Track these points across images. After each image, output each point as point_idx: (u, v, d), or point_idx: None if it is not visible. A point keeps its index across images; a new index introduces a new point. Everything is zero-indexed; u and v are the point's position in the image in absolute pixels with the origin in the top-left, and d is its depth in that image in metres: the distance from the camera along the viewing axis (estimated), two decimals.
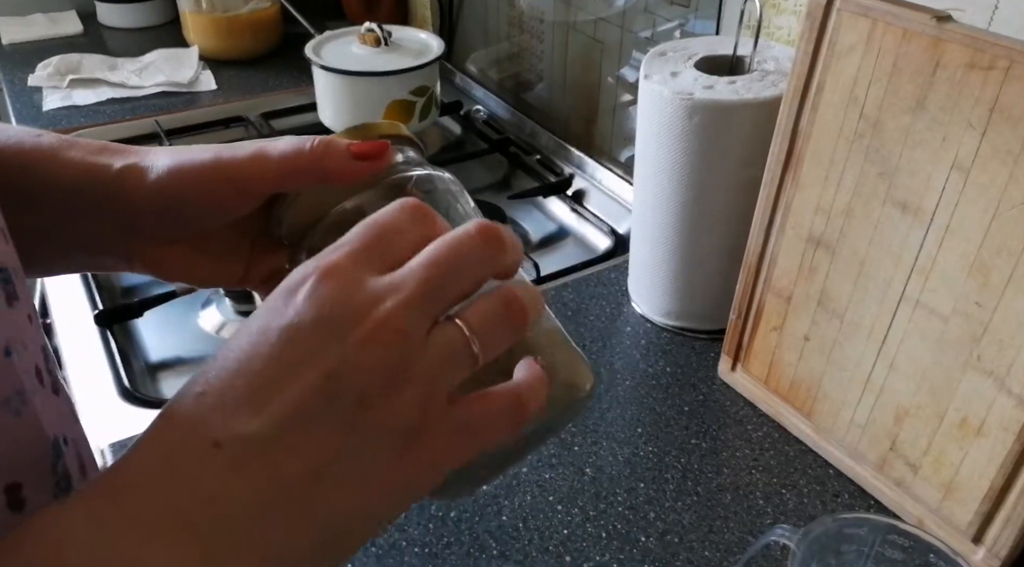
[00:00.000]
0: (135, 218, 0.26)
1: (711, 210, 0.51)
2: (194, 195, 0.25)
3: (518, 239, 0.21)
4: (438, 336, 0.18)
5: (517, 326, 0.19)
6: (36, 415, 0.20)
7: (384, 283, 0.18)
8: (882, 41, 0.37)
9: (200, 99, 0.91)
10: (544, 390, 0.20)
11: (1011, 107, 0.33)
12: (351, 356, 0.17)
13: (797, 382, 0.47)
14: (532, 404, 0.20)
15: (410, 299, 0.18)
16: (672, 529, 0.42)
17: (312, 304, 0.18)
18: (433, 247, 0.19)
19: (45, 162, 0.25)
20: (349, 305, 0.18)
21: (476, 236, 0.19)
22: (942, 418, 0.40)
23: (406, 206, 0.20)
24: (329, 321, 0.18)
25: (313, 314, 0.18)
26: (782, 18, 0.56)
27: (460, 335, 0.19)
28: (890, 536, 0.34)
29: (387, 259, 0.19)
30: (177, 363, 0.58)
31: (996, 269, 0.36)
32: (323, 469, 0.17)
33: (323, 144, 0.24)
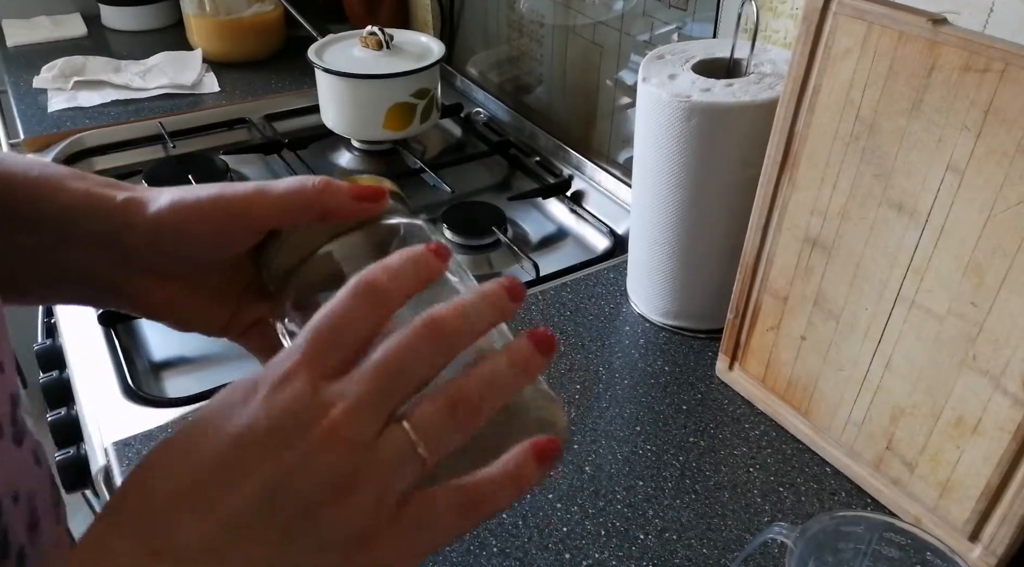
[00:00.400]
0: (131, 248, 0.26)
1: (708, 211, 0.51)
2: (193, 226, 0.25)
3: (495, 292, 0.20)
4: (386, 441, 0.19)
5: (465, 429, 0.19)
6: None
7: (335, 390, 0.19)
8: (878, 44, 0.38)
9: (203, 101, 0.92)
10: (504, 491, 0.20)
11: (1006, 109, 0.34)
12: (298, 465, 0.18)
13: (794, 381, 0.48)
14: (484, 506, 0.19)
15: (358, 405, 0.18)
16: (670, 527, 0.42)
17: (264, 412, 0.18)
18: (382, 349, 0.19)
19: (49, 187, 0.25)
20: (300, 414, 0.18)
21: (424, 330, 0.19)
22: (938, 417, 0.40)
23: (359, 290, 0.20)
24: (280, 430, 0.18)
25: (265, 423, 0.18)
26: (779, 21, 0.56)
27: (407, 439, 0.19)
28: (887, 534, 0.34)
29: (340, 358, 0.19)
30: (180, 362, 0.58)
31: (991, 269, 0.36)
32: None
33: (324, 182, 0.25)
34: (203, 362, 0.58)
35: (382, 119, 0.79)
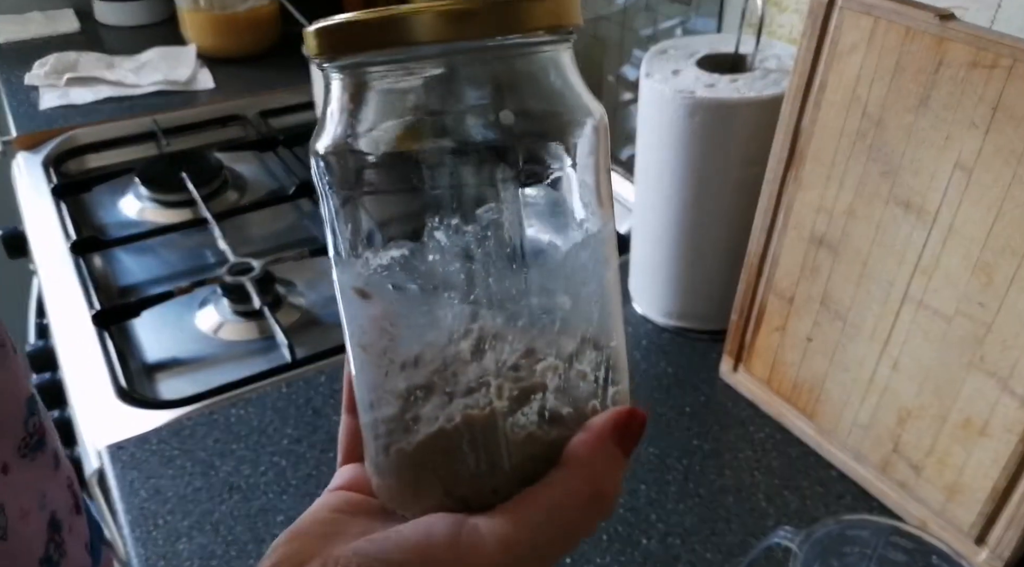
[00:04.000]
0: None
1: (712, 209, 0.51)
2: None
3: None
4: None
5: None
6: None
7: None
8: (884, 39, 0.37)
9: (198, 97, 0.91)
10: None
11: (1014, 106, 0.33)
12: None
13: (799, 383, 0.47)
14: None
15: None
16: (674, 531, 0.42)
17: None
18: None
19: None
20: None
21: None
22: (945, 419, 0.39)
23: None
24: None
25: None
26: (784, 16, 0.56)
27: None
28: (893, 538, 0.34)
29: None
30: (174, 363, 0.57)
31: (999, 269, 0.35)
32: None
33: None
34: (197, 364, 0.57)
35: None
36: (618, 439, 0.17)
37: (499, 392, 0.17)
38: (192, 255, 0.69)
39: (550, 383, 0.17)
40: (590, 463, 0.17)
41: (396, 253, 0.17)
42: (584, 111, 0.17)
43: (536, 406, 0.17)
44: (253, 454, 0.47)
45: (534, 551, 0.16)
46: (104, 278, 0.66)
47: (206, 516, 0.43)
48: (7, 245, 0.77)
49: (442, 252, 0.17)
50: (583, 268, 0.18)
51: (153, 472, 0.45)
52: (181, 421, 0.49)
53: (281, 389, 0.52)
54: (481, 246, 0.17)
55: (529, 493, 0.17)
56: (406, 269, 0.17)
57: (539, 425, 0.17)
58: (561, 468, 0.17)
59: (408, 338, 0.17)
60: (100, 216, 0.75)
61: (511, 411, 0.17)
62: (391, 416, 0.18)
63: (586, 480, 0.17)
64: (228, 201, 0.77)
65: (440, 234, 0.17)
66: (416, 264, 0.17)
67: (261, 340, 0.59)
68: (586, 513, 0.17)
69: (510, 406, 0.17)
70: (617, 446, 0.17)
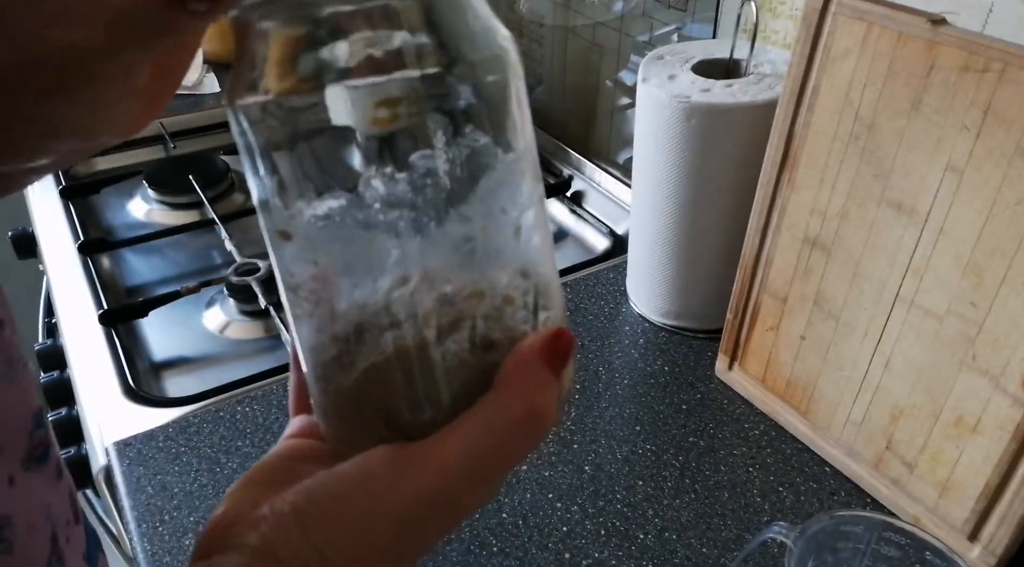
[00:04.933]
0: None
1: (708, 211, 0.51)
2: None
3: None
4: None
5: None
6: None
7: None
8: (877, 44, 0.38)
9: (204, 101, 0.92)
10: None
11: (1005, 109, 0.34)
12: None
13: (793, 381, 0.48)
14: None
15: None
16: (670, 526, 0.42)
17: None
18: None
19: None
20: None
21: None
22: (938, 417, 0.40)
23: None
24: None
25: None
26: (778, 22, 0.56)
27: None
28: (886, 534, 0.34)
29: None
30: (181, 362, 0.58)
31: (990, 270, 0.36)
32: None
33: None
34: (203, 362, 0.58)
35: None
36: (547, 359, 0.18)
37: (426, 321, 0.17)
38: (199, 256, 0.70)
39: (478, 311, 0.17)
40: (520, 383, 0.17)
41: (325, 198, 0.17)
42: (492, 38, 0.17)
43: (466, 334, 0.17)
44: (258, 451, 0.48)
45: (471, 472, 0.17)
46: (112, 278, 0.67)
47: (212, 512, 0.43)
48: (17, 246, 0.78)
49: (367, 194, 0.17)
50: (501, 196, 0.18)
51: (160, 469, 0.46)
52: (188, 418, 0.50)
53: (286, 386, 0.52)
54: (401, 183, 0.17)
55: (464, 417, 0.17)
56: (334, 211, 0.17)
57: (471, 351, 0.17)
58: (493, 390, 0.17)
59: (336, 279, 0.18)
60: (108, 217, 0.76)
61: (441, 339, 0.17)
62: (330, 358, 0.18)
63: (517, 399, 0.17)
64: (234, 203, 0.78)
65: (365, 175, 0.16)
66: (342, 207, 0.17)
67: (266, 339, 0.59)
68: (520, 431, 0.17)
69: (439, 334, 0.17)
70: (546, 366, 0.17)
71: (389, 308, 0.17)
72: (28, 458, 0.22)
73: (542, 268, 0.19)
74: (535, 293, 0.18)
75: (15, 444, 0.22)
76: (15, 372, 0.21)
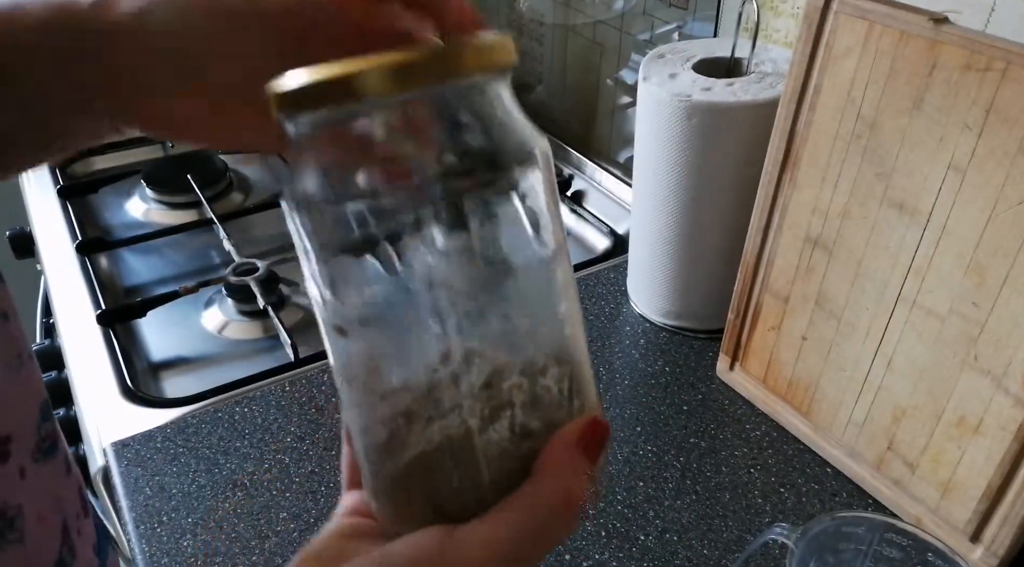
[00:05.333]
0: (113, 61, 0.20)
1: (709, 210, 0.51)
2: (183, 29, 0.19)
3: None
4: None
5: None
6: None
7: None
8: (879, 43, 0.38)
9: None
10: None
11: (1007, 108, 0.34)
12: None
13: (795, 381, 0.48)
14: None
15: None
16: (671, 528, 0.42)
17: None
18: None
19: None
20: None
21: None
22: (939, 417, 0.40)
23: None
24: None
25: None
26: (780, 20, 0.56)
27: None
28: (888, 535, 0.34)
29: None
30: (179, 362, 0.58)
31: (992, 269, 0.36)
32: None
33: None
34: (202, 363, 0.58)
35: None
36: (583, 447, 0.19)
37: (471, 411, 0.18)
38: (197, 256, 0.70)
39: (516, 400, 0.19)
40: (557, 471, 0.18)
41: (370, 290, 0.18)
42: (527, 142, 0.19)
43: (506, 423, 0.18)
44: (257, 452, 0.47)
45: (511, 555, 0.18)
46: (110, 278, 0.67)
47: (210, 513, 0.43)
48: (15, 245, 0.78)
49: (412, 284, 0.18)
50: (540, 289, 0.19)
51: (158, 469, 0.46)
52: (186, 419, 0.50)
53: (284, 387, 0.52)
54: (447, 276, 0.18)
55: (506, 503, 0.18)
56: (380, 304, 0.18)
57: (511, 440, 0.18)
58: (532, 478, 0.18)
59: (387, 369, 0.19)
60: (106, 217, 0.76)
61: (484, 429, 0.18)
62: (379, 443, 0.19)
63: (554, 487, 0.18)
64: (233, 203, 0.77)
65: (408, 268, 0.18)
66: (389, 298, 0.18)
67: (265, 339, 0.59)
68: (557, 517, 0.18)
69: (482, 424, 0.18)
70: (583, 454, 0.19)
71: (434, 396, 0.18)
72: (37, 450, 0.22)
73: (576, 355, 0.20)
74: (570, 380, 0.20)
75: (25, 436, 0.22)
76: (22, 364, 0.21)
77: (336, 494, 0.45)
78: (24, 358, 0.22)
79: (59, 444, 0.24)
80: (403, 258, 0.18)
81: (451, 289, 0.18)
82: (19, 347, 0.21)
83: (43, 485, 0.23)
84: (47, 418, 0.23)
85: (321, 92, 0.17)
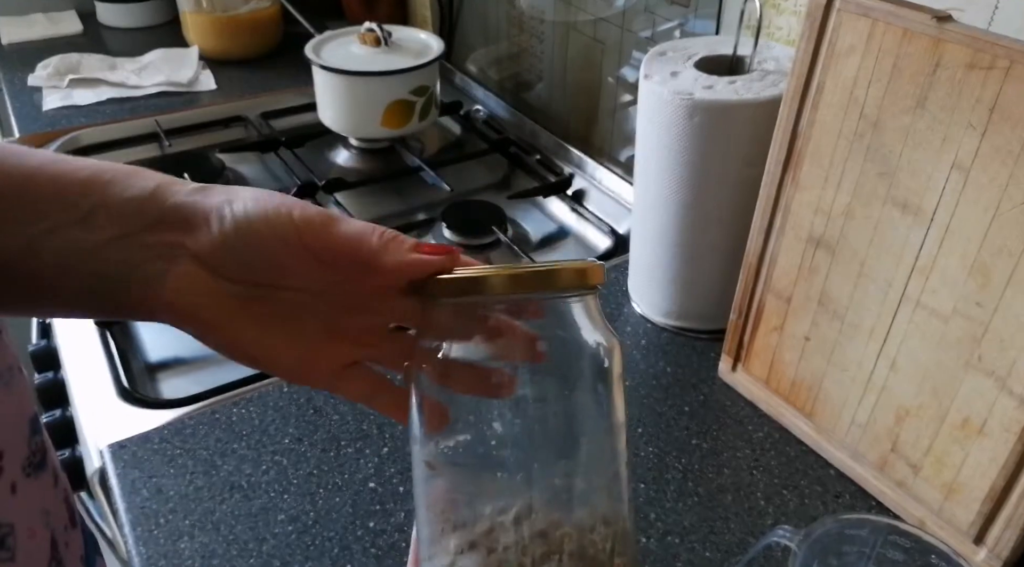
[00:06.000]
0: (190, 233, 0.23)
1: (711, 210, 0.51)
2: (258, 222, 0.23)
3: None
4: None
5: None
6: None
7: None
8: (882, 41, 0.37)
9: (200, 99, 0.91)
10: None
11: (1011, 107, 0.33)
12: None
13: (798, 382, 0.47)
14: None
15: None
16: (673, 530, 0.42)
17: None
18: None
19: (103, 181, 0.23)
20: None
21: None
22: (943, 419, 0.39)
23: None
24: None
25: None
26: (782, 18, 0.56)
27: None
28: (891, 537, 0.34)
29: None
30: (176, 363, 0.58)
31: (996, 269, 0.35)
32: None
33: (391, 234, 0.24)
34: (199, 363, 0.57)
35: (380, 117, 0.78)
36: None
37: (524, 551, 0.21)
38: None
39: (565, 548, 0.22)
40: None
41: (460, 438, 0.23)
42: (604, 338, 0.24)
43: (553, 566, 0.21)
44: (255, 453, 0.47)
45: None
46: None
47: (207, 515, 0.43)
48: None
49: (495, 439, 0.22)
50: (601, 459, 0.23)
51: (155, 471, 0.46)
52: (183, 420, 0.49)
53: (282, 388, 0.52)
54: (525, 437, 0.22)
55: None
56: (466, 451, 0.23)
57: None
58: None
59: (463, 504, 0.23)
60: None
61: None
62: (444, 564, 0.22)
63: None
64: None
65: (495, 426, 0.22)
66: (474, 448, 0.23)
67: None
68: None
69: (531, 564, 0.21)
70: None
71: (498, 534, 0.22)
72: (28, 465, 0.22)
73: (623, 518, 0.23)
74: (614, 540, 0.22)
75: (15, 451, 0.21)
76: (12, 377, 0.21)
77: (333, 495, 0.44)
78: (15, 371, 0.22)
79: (48, 456, 0.24)
80: (494, 418, 0.22)
81: (528, 450, 0.22)
82: (10, 360, 0.21)
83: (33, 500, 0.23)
84: (36, 431, 0.23)
85: (463, 286, 0.23)
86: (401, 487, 0.45)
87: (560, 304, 0.23)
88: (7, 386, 0.21)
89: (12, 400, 0.21)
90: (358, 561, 0.41)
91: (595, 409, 0.23)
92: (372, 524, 0.43)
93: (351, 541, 0.42)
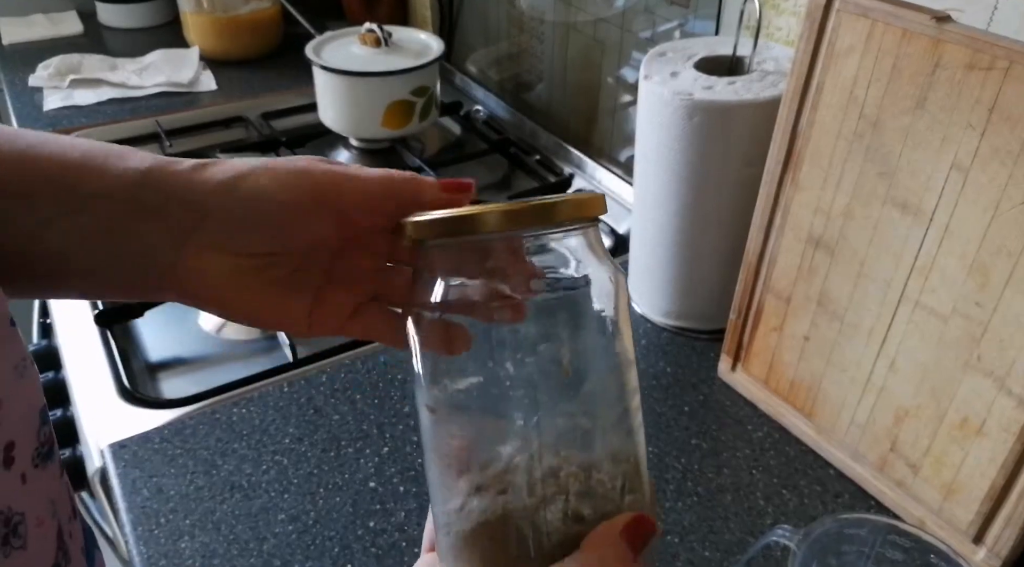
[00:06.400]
0: (198, 218, 0.23)
1: (711, 210, 0.51)
2: (271, 196, 0.23)
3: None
4: None
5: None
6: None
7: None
8: (881, 41, 0.37)
9: (200, 99, 0.91)
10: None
11: (1010, 107, 0.33)
12: None
13: (797, 382, 0.47)
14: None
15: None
16: (672, 529, 0.42)
17: None
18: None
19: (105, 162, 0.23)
20: None
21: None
22: (942, 419, 0.40)
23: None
24: None
25: None
26: (782, 19, 0.56)
27: None
28: (891, 537, 0.34)
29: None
30: (177, 363, 0.58)
31: (995, 269, 0.36)
32: None
33: (410, 174, 0.25)
34: (200, 363, 0.57)
35: (380, 117, 0.78)
36: (628, 537, 0.21)
37: (532, 491, 0.21)
38: None
39: (573, 488, 0.22)
40: (600, 551, 0.21)
41: (463, 379, 0.22)
42: (606, 270, 0.23)
43: (561, 506, 0.21)
44: (255, 453, 0.47)
45: None
46: None
47: (208, 515, 0.43)
48: None
49: (500, 381, 0.22)
50: (609, 395, 0.23)
51: (155, 471, 0.46)
52: (183, 420, 0.49)
53: (283, 388, 0.52)
54: (530, 376, 0.22)
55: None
56: (470, 391, 0.22)
57: (563, 521, 0.21)
58: (578, 552, 0.21)
59: (470, 447, 0.22)
60: None
61: (541, 509, 0.21)
62: (454, 508, 0.22)
63: (591, 561, 0.20)
64: None
65: (498, 365, 0.22)
66: (478, 388, 0.22)
67: (263, 340, 0.59)
68: None
69: (540, 504, 0.21)
70: (626, 542, 0.21)
71: (505, 476, 0.22)
72: (37, 455, 0.23)
73: (634, 456, 0.23)
74: (624, 477, 0.22)
75: (26, 441, 0.22)
76: (26, 368, 0.21)
77: (334, 495, 0.44)
78: (28, 363, 0.22)
79: (55, 447, 0.24)
80: (497, 358, 0.22)
81: (534, 389, 0.22)
82: (24, 352, 0.21)
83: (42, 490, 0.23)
84: (45, 422, 0.23)
85: (460, 224, 0.21)
86: (401, 487, 0.45)
87: (561, 238, 0.22)
88: (21, 377, 0.21)
89: (25, 392, 0.22)
90: (358, 560, 0.41)
91: (601, 345, 0.22)
92: (372, 524, 0.43)
93: (351, 540, 0.42)
